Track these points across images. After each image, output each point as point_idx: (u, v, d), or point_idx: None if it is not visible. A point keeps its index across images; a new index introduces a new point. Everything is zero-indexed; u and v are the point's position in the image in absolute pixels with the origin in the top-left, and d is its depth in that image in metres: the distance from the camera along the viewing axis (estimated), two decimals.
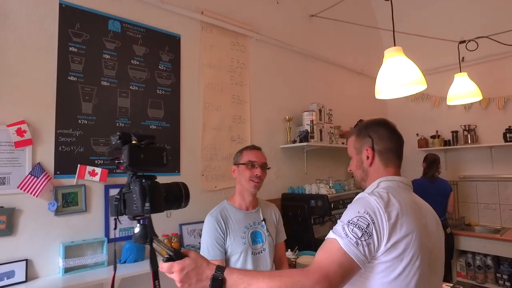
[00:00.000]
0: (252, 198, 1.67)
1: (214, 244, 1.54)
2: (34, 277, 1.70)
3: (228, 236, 1.56)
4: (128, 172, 0.86)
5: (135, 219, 0.85)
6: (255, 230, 1.64)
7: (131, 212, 0.83)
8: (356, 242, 0.87)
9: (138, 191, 0.80)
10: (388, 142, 1.12)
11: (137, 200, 0.81)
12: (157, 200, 0.82)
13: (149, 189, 0.81)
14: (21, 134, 1.69)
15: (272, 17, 3.11)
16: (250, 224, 1.64)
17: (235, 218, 1.62)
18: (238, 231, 1.59)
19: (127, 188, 0.84)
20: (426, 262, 0.94)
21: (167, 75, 2.33)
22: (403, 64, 1.91)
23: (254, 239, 1.62)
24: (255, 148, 1.71)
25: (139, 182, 0.82)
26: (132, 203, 0.82)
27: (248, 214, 1.66)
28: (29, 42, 1.78)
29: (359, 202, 0.97)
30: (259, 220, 1.67)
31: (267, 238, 1.64)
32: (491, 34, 3.16)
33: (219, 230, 1.56)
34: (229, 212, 1.63)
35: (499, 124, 3.60)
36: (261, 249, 1.62)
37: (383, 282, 0.91)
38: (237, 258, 1.56)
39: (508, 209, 3.55)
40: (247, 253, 1.56)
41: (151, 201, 0.80)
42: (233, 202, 1.68)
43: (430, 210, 1.10)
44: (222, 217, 1.59)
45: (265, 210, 1.73)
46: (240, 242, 1.57)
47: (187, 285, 0.85)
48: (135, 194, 0.81)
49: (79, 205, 1.89)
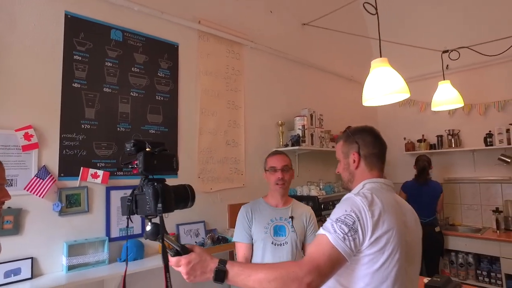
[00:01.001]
0: (280, 197, 1.90)
1: (242, 229, 1.85)
2: (39, 274, 1.79)
3: (254, 225, 1.84)
4: (140, 176, 0.96)
5: (147, 218, 0.94)
6: (280, 224, 1.84)
7: (143, 212, 0.93)
8: (343, 237, 0.98)
9: (152, 193, 0.89)
10: (372, 148, 1.25)
11: (150, 201, 0.90)
12: (168, 201, 0.91)
13: (161, 192, 0.90)
14: (28, 138, 1.79)
15: (266, 26, 3.24)
16: (276, 218, 1.85)
17: (264, 211, 1.88)
18: (263, 222, 1.83)
19: (140, 190, 0.94)
20: (404, 255, 1.07)
21: (165, 82, 2.44)
22: (388, 74, 2.05)
23: (277, 231, 1.82)
24: (276, 154, 1.94)
25: (152, 185, 0.91)
26: (145, 204, 0.92)
27: (277, 210, 1.88)
28: (36, 50, 1.88)
29: (346, 202, 1.09)
30: (287, 216, 1.86)
31: (290, 233, 1.82)
32: (472, 45, 3.35)
33: (247, 219, 1.86)
34: (259, 206, 1.90)
35: (480, 129, 3.80)
36: (283, 242, 1.80)
37: (367, 272, 1.03)
38: (258, 245, 1.81)
39: (488, 209, 3.74)
40: (267, 242, 1.79)
41: (163, 202, 0.89)
42: (266, 199, 1.94)
43: (410, 209, 1.24)
44: (251, 208, 1.89)
45: (296, 210, 1.91)
46: (262, 231, 1.81)
47: (193, 277, 0.95)
48: (148, 196, 0.91)
49: (82, 206, 1.98)
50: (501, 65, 3.74)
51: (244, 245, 1.83)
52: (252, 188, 2.91)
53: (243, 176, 2.88)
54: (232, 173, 2.80)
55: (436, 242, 3.45)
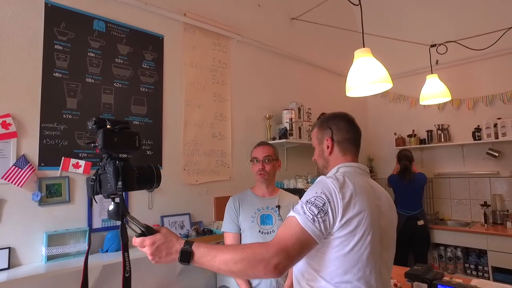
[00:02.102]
0: (266, 187, 1.96)
1: (229, 220, 1.91)
2: (17, 264, 1.77)
3: (241, 214, 1.90)
4: (103, 155, 0.95)
5: (109, 197, 0.92)
6: (267, 213, 1.88)
7: (106, 191, 0.91)
8: (313, 218, 0.97)
9: (112, 171, 0.88)
10: (346, 133, 1.25)
11: (110, 179, 0.89)
12: (129, 179, 0.90)
13: (122, 169, 0.89)
14: (6, 127, 1.77)
15: (253, 19, 3.24)
16: (263, 207, 1.91)
17: (250, 201, 1.94)
18: (249, 211, 1.89)
19: (102, 169, 0.93)
20: (377, 238, 1.06)
21: (150, 74, 2.43)
22: (371, 64, 2.05)
23: (264, 220, 1.87)
24: (260, 145, 1.98)
25: (113, 163, 0.90)
26: (106, 183, 0.90)
27: (264, 200, 1.94)
28: (15, 39, 1.86)
29: (318, 184, 1.08)
30: (274, 205, 1.90)
31: (277, 221, 1.86)
32: (459, 39, 3.37)
33: (234, 209, 1.92)
34: (247, 197, 1.97)
35: (469, 124, 3.81)
36: (270, 230, 1.85)
37: (338, 255, 1.02)
38: (246, 234, 1.86)
39: (477, 203, 3.75)
40: (254, 230, 1.84)
41: (123, 180, 0.88)
42: (253, 190, 2.01)
43: (385, 193, 1.23)
44: (239, 199, 1.95)
45: (283, 199, 1.96)
46: (248, 220, 1.86)
47: (158, 258, 0.93)
48: (109, 174, 0.89)
49: (63, 196, 1.96)
50: (489, 60, 3.75)
51: (231, 235, 1.86)
52: (238, 181, 2.90)
53: (230, 169, 2.87)
54: (218, 165, 2.79)
55: (420, 236, 3.46)
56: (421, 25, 4.08)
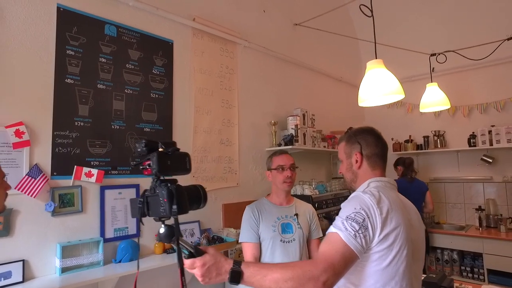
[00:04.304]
0: (285, 196, 1.95)
1: (249, 229, 1.85)
2: (31, 277, 1.72)
3: (261, 224, 1.85)
4: (152, 177, 0.92)
5: (160, 220, 0.90)
6: (287, 222, 1.87)
7: (157, 213, 0.89)
8: (355, 234, 0.99)
9: (166, 195, 0.86)
10: (374, 148, 1.27)
11: (164, 203, 0.87)
12: (182, 202, 0.88)
13: (176, 193, 0.87)
14: (19, 136, 1.71)
15: (258, 25, 3.24)
16: (282, 216, 1.89)
17: (269, 210, 1.90)
18: (270, 220, 1.86)
19: (152, 192, 0.91)
20: (410, 252, 1.09)
21: (160, 79, 2.40)
22: (384, 76, 2.09)
23: (285, 229, 1.85)
24: (282, 153, 1.96)
25: (166, 186, 0.87)
26: (158, 206, 0.88)
27: (282, 208, 1.92)
28: (27, 44, 1.80)
29: (355, 200, 1.10)
30: (292, 214, 1.90)
31: (297, 230, 1.85)
32: (458, 49, 3.48)
33: (254, 218, 1.86)
34: (264, 206, 1.93)
35: (464, 131, 3.94)
36: (291, 238, 1.83)
37: (376, 269, 1.04)
38: (267, 243, 1.82)
39: (471, 207, 3.89)
40: (275, 240, 1.81)
41: (178, 204, 0.86)
42: (270, 198, 1.97)
43: (413, 207, 1.27)
44: (257, 208, 1.90)
45: (300, 207, 1.96)
46: (270, 230, 1.83)
47: (208, 279, 0.93)
48: (161, 198, 0.87)
49: (75, 205, 1.91)
50: (484, 70, 3.89)
51: (252, 245, 1.83)
52: (245, 187, 2.90)
53: (237, 176, 2.87)
54: (226, 172, 2.78)
55: None
56: (420, 34, 4.17)
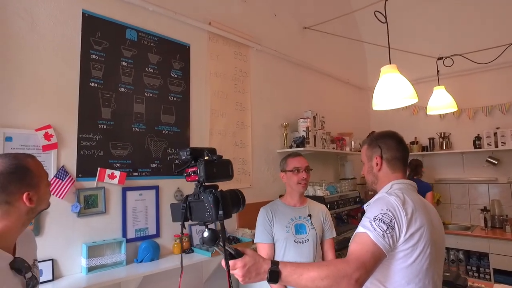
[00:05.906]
0: (299, 197, 1.99)
1: (263, 230, 1.90)
2: (59, 276, 1.77)
3: (275, 225, 1.90)
4: (196, 183, 0.96)
5: (204, 224, 0.96)
6: (300, 223, 1.90)
7: (202, 218, 0.94)
8: (383, 234, 1.06)
9: (212, 201, 0.90)
10: (395, 152, 1.33)
11: (210, 208, 0.91)
12: (227, 207, 0.92)
13: (221, 199, 0.91)
14: (48, 138, 1.76)
15: (270, 28, 3.29)
16: (295, 217, 1.93)
17: (283, 211, 1.94)
18: (284, 221, 1.90)
19: (196, 197, 0.95)
20: (434, 251, 1.15)
21: (178, 83, 2.44)
22: (398, 81, 2.15)
23: (298, 230, 1.89)
24: (297, 155, 2.02)
25: (211, 192, 0.92)
26: (203, 211, 0.93)
27: (295, 209, 1.96)
28: (55, 49, 1.84)
29: (381, 201, 1.16)
30: (305, 215, 1.94)
31: (310, 230, 1.89)
32: (464, 52, 3.54)
33: (268, 219, 1.91)
34: (278, 207, 1.97)
35: (469, 133, 4.01)
36: (305, 239, 1.87)
37: (401, 267, 1.11)
38: (281, 244, 1.86)
39: (476, 208, 3.96)
40: (289, 240, 1.85)
41: (223, 209, 0.90)
42: (284, 200, 2.02)
43: (433, 208, 1.33)
44: (271, 210, 1.94)
45: (313, 208, 2.00)
46: (283, 231, 1.87)
47: (248, 279, 0.98)
48: (207, 203, 0.92)
49: (99, 207, 1.96)
50: (489, 73, 3.96)
51: (267, 246, 1.88)
52: (258, 188, 2.95)
53: (250, 177, 2.92)
54: (240, 173, 2.83)
55: None
56: (426, 38, 4.24)
